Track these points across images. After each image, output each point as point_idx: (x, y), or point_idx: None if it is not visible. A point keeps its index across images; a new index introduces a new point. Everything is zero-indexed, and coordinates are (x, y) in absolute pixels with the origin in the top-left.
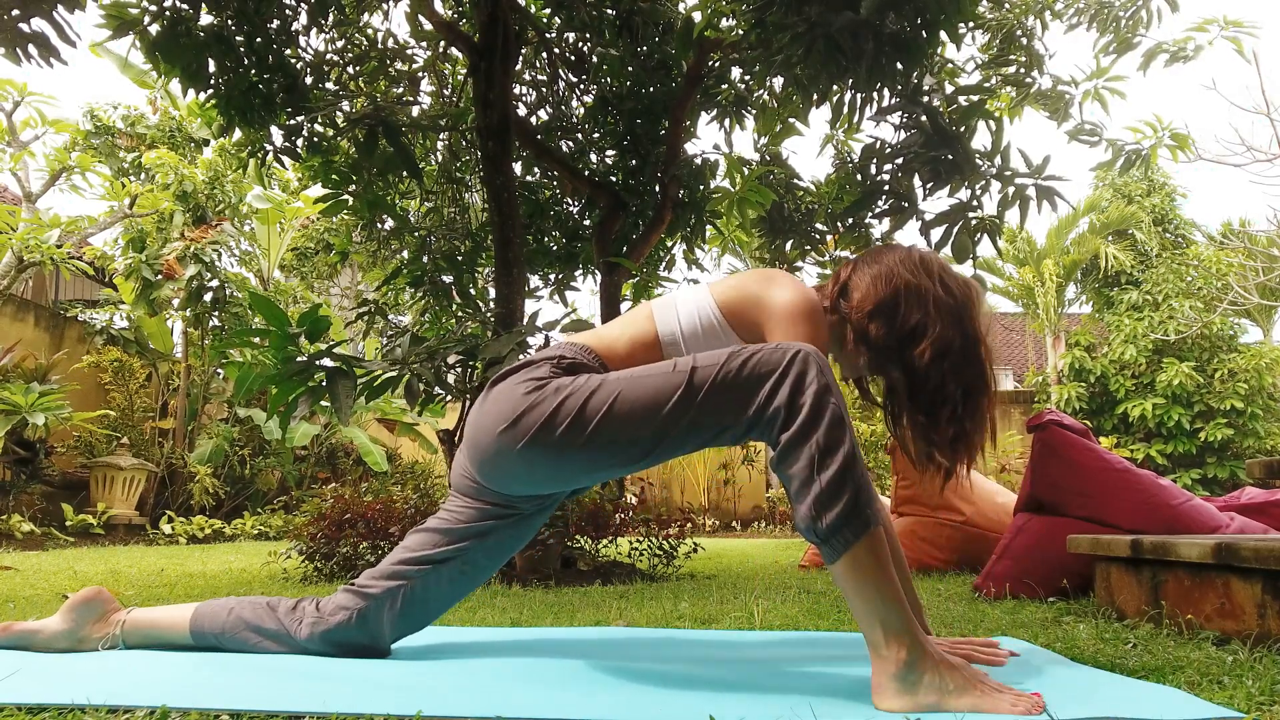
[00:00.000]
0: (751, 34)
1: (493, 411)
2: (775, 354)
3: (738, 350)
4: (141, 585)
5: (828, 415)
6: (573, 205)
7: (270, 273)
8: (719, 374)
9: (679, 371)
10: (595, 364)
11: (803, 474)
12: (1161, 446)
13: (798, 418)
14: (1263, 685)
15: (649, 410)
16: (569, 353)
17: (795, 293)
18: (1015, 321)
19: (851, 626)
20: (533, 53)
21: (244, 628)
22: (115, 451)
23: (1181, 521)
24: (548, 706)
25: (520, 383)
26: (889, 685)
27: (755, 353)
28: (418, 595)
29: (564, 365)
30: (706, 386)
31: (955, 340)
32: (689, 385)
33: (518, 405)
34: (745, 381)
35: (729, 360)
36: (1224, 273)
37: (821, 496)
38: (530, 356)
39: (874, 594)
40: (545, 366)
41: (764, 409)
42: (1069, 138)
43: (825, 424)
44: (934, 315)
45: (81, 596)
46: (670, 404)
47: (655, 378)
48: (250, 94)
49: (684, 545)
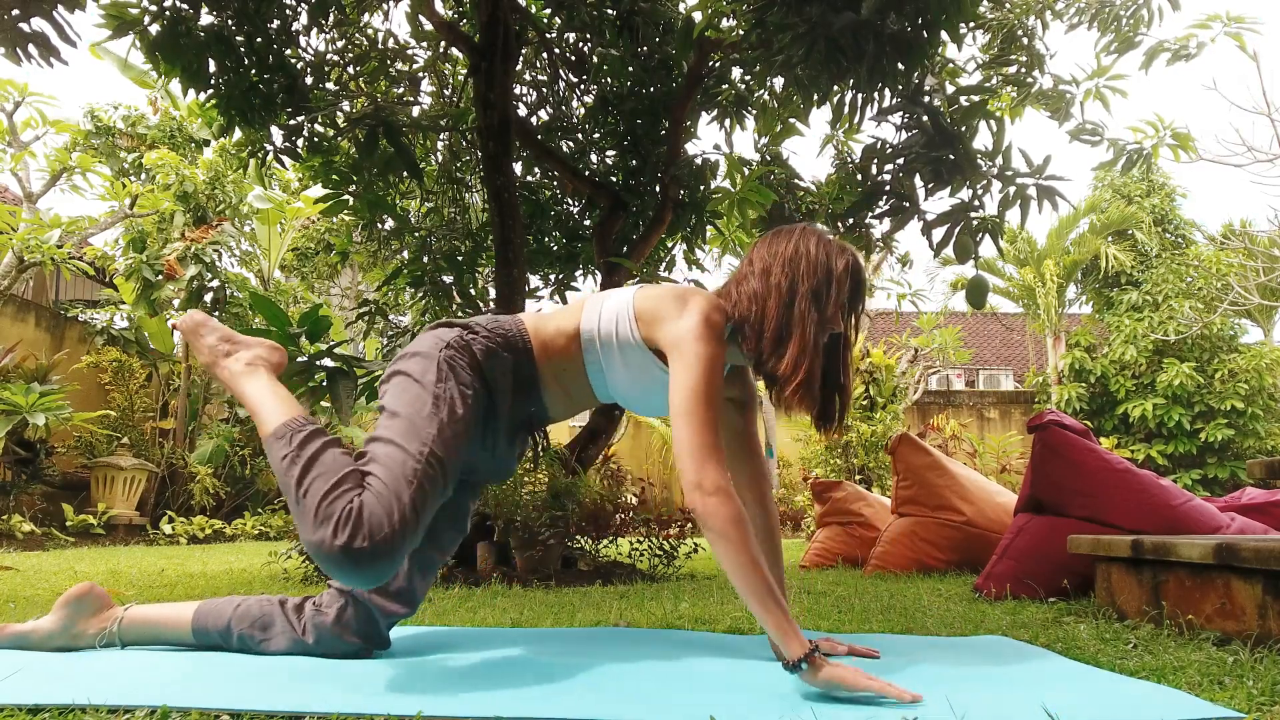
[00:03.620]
0: (752, 34)
1: (407, 351)
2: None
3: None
4: (142, 585)
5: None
6: (573, 205)
7: (271, 273)
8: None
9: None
10: (516, 345)
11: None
12: (1162, 447)
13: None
14: (1263, 685)
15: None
16: (495, 335)
17: (696, 319)
18: (1016, 322)
19: (852, 627)
20: (533, 53)
21: (249, 624)
22: (116, 452)
23: (1182, 522)
24: (548, 706)
25: (437, 341)
26: None
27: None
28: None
29: (472, 346)
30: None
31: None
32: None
33: (420, 362)
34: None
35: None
36: (1224, 273)
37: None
38: (469, 322)
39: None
40: (457, 334)
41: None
42: (1070, 137)
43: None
44: (760, 311)
45: (72, 593)
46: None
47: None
48: (250, 94)
49: (684, 545)
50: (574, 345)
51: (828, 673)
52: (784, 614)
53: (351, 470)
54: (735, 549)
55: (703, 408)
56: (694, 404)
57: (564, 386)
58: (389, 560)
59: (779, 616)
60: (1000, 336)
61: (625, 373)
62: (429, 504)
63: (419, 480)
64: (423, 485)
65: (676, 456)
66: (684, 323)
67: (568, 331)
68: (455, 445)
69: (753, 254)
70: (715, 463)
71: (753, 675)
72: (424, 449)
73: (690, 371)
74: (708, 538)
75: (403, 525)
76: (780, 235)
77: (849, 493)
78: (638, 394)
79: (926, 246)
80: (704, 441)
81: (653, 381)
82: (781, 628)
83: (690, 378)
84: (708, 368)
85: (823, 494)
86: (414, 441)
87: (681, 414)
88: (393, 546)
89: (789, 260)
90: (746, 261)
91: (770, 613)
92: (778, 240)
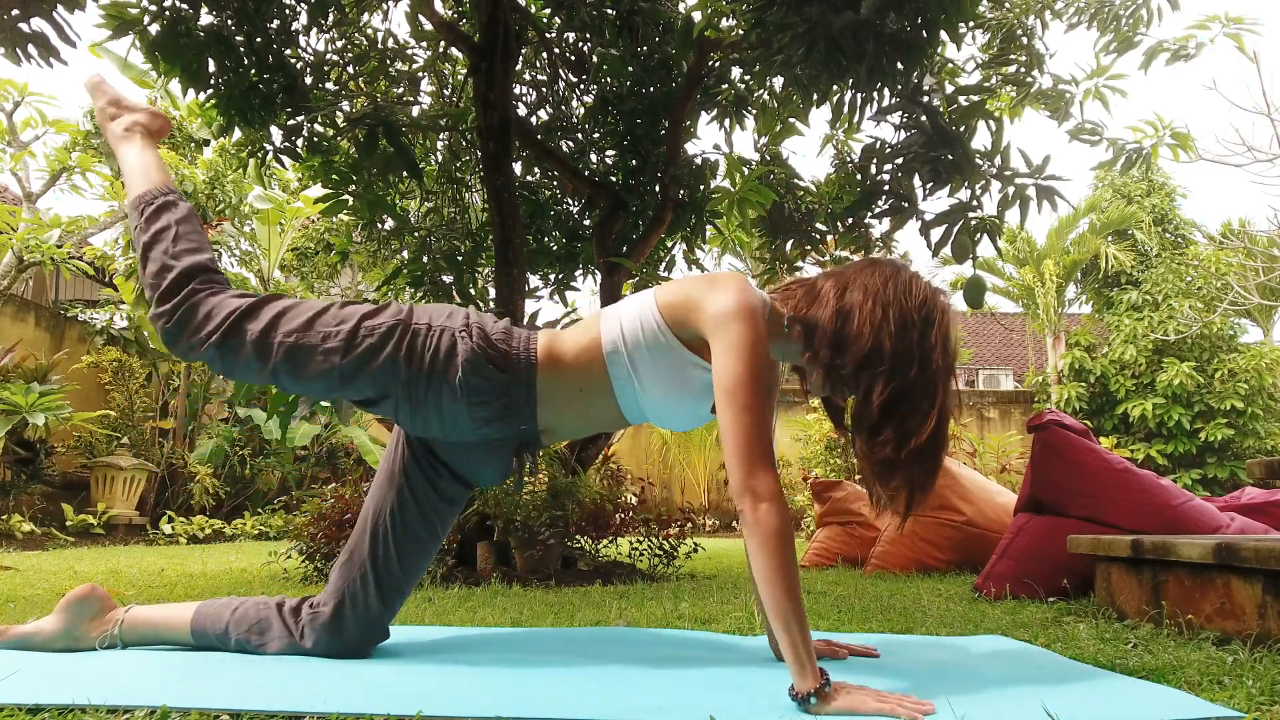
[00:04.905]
0: (752, 34)
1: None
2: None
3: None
4: (142, 585)
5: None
6: (573, 205)
7: (270, 273)
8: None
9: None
10: (518, 356)
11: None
12: (1162, 446)
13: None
14: (1263, 685)
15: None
16: (499, 338)
17: (733, 297)
18: (1015, 321)
19: (852, 627)
20: (533, 53)
21: (246, 628)
22: (115, 451)
23: (1182, 522)
24: (548, 706)
25: (438, 310)
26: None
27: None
28: (380, 559)
29: (463, 343)
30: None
31: (907, 382)
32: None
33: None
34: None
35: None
36: (1224, 273)
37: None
38: (484, 320)
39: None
40: (452, 325)
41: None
42: (1069, 137)
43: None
44: (890, 350)
45: (73, 595)
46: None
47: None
48: (250, 94)
49: (684, 545)
50: (596, 361)
51: (838, 705)
52: (804, 640)
53: (200, 263)
54: (776, 563)
55: (751, 394)
56: (742, 391)
57: (583, 406)
58: (192, 357)
59: (799, 641)
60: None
61: (659, 385)
62: (267, 337)
63: (253, 310)
64: (255, 313)
65: (725, 451)
66: (721, 302)
67: (587, 347)
68: (315, 358)
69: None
70: (768, 464)
71: (752, 675)
72: (284, 325)
73: (736, 354)
74: (748, 544)
75: (218, 337)
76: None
77: (849, 492)
78: (672, 403)
79: (925, 246)
80: (756, 436)
81: (691, 386)
82: (798, 655)
83: (737, 362)
84: (754, 349)
85: (822, 494)
86: (285, 314)
87: (729, 402)
88: (200, 352)
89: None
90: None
91: (791, 636)
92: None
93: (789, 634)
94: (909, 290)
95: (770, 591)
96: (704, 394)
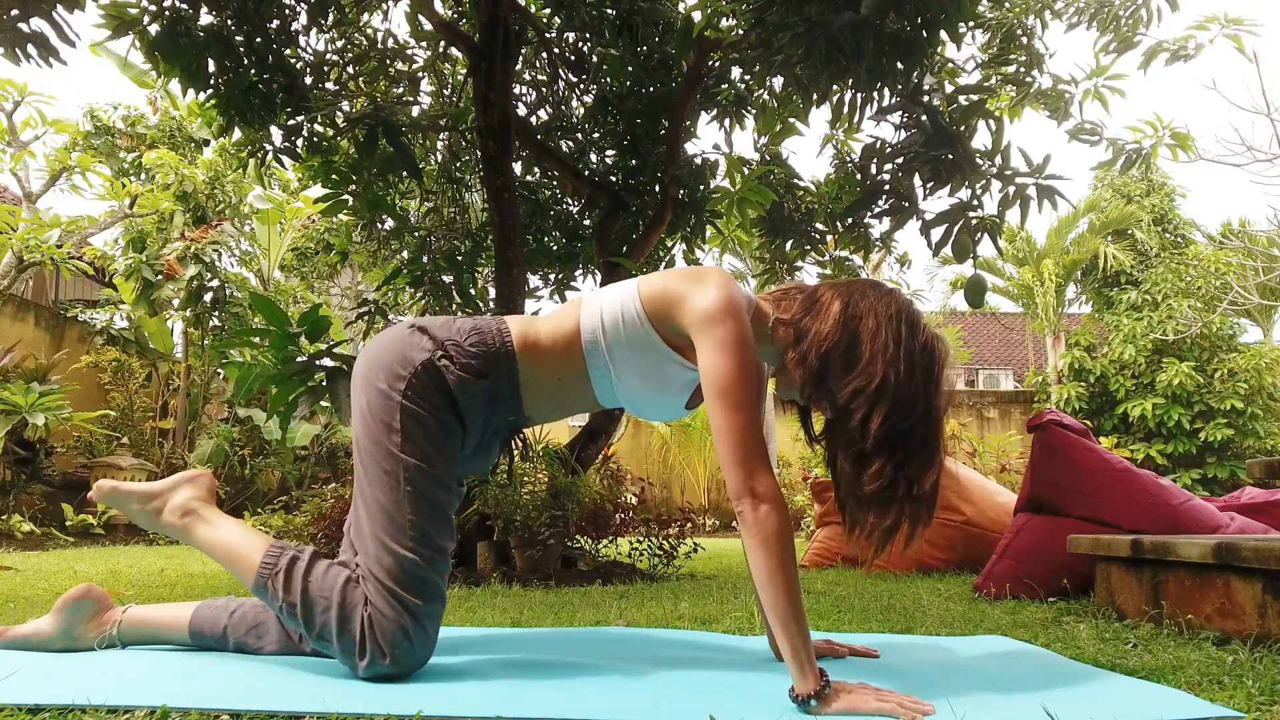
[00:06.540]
0: (751, 34)
1: (374, 356)
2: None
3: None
4: (142, 585)
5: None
6: (573, 205)
7: (270, 273)
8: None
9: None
10: (498, 363)
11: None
12: (1161, 446)
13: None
14: (1263, 685)
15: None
16: (473, 357)
17: (718, 293)
18: (1015, 321)
19: (852, 627)
20: (533, 53)
21: (245, 630)
22: (115, 451)
23: (1182, 521)
24: (548, 706)
25: (403, 366)
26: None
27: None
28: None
29: (445, 374)
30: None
31: (911, 422)
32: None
33: (383, 403)
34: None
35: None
36: (1223, 272)
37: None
38: (446, 340)
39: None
40: (427, 359)
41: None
42: (1069, 137)
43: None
44: (895, 385)
45: (71, 595)
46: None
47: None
48: (250, 94)
49: (684, 545)
50: (575, 350)
51: (838, 706)
52: (804, 642)
53: (346, 581)
54: (775, 563)
55: (744, 393)
56: (734, 391)
57: (560, 393)
58: (423, 657)
59: (799, 643)
60: (1000, 336)
61: (636, 376)
62: (434, 577)
63: (413, 570)
64: (416, 574)
65: (721, 452)
66: (706, 299)
67: (566, 335)
68: (434, 497)
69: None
70: (766, 464)
71: (752, 676)
72: (407, 539)
73: (725, 353)
74: (746, 544)
75: (414, 624)
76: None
77: None
78: (650, 397)
79: (925, 246)
80: (752, 437)
81: (668, 382)
82: (799, 656)
83: (727, 362)
84: (742, 348)
85: (822, 494)
86: (394, 531)
87: (722, 403)
88: (415, 652)
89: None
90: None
91: (791, 638)
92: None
93: (789, 636)
94: (916, 327)
95: (770, 593)
96: (681, 390)
